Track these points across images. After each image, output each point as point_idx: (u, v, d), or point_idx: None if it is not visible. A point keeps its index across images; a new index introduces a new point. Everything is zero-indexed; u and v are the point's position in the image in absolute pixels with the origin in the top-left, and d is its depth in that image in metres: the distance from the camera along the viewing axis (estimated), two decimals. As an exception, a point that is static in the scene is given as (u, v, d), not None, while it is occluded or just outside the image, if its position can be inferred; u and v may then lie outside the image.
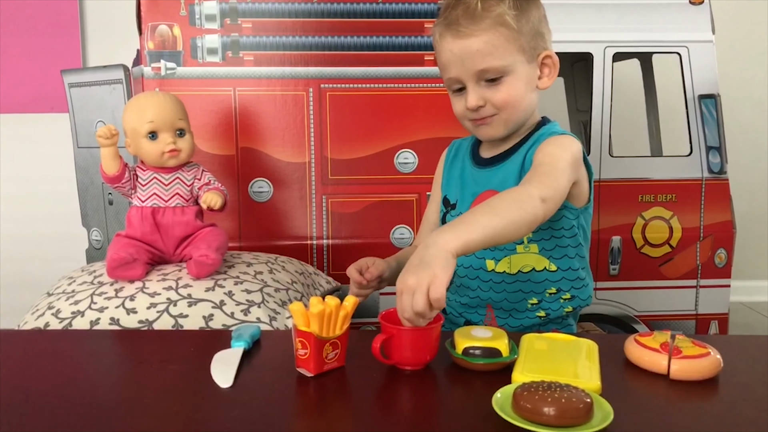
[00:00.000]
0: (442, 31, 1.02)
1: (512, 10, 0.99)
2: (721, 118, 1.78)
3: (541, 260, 1.06)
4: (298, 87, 1.70)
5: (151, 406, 0.74)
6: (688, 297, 1.83)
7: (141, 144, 1.26)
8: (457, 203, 1.12)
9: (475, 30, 0.99)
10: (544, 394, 0.66)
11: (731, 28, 2.67)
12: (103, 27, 2.59)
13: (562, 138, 1.03)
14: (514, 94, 1.01)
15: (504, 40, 0.99)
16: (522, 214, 0.87)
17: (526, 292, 1.07)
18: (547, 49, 1.05)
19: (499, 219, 0.85)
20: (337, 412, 0.75)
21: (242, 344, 0.88)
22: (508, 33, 0.99)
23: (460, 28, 0.99)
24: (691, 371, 0.78)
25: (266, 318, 1.15)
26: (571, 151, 0.99)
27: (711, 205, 1.80)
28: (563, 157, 0.98)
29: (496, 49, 0.99)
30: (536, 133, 1.07)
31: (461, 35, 0.99)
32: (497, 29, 0.98)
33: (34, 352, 0.92)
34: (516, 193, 0.90)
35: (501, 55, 0.99)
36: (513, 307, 1.08)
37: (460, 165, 1.14)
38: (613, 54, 1.79)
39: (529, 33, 1.01)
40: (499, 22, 0.98)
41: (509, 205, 0.88)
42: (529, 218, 0.88)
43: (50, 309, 1.16)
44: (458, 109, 1.06)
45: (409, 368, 0.82)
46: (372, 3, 1.69)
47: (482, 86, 1.01)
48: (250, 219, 1.71)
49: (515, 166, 1.06)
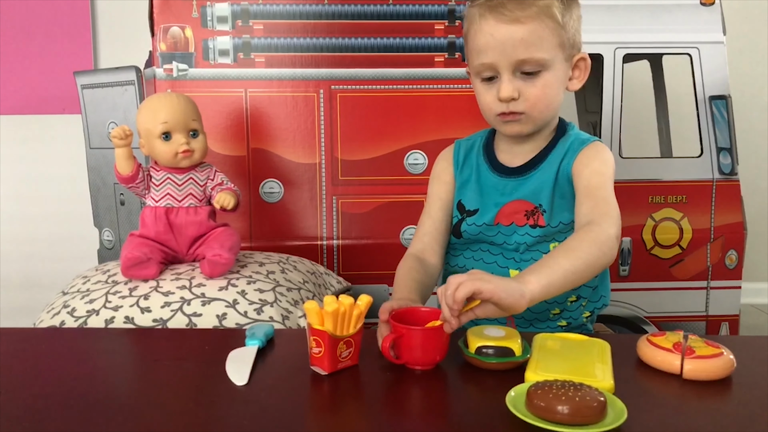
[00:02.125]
0: (484, 12, 0.96)
1: (560, 3, 0.96)
2: (732, 119, 1.78)
3: None
4: (309, 88, 1.70)
5: (166, 404, 0.75)
6: (698, 298, 1.83)
7: (154, 144, 1.27)
8: (479, 211, 1.07)
9: (522, 16, 0.94)
10: (558, 393, 0.66)
11: (742, 29, 2.66)
12: (115, 29, 2.61)
13: (600, 150, 1.01)
14: (548, 91, 0.98)
15: (549, 33, 0.95)
16: (600, 255, 0.88)
17: (550, 303, 1.04)
18: (582, 50, 1.02)
19: (581, 262, 0.86)
20: (350, 410, 0.75)
21: (256, 342, 0.89)
22: (553, 26, 0.95)
23: (505, 11, 0.94)
24: (704, 371, 0.78)
25: (279, 317, 1.16)
26: (611, 166, 0.99)
27: (722, 206, 1.80)
28: (609, 175, 0.98)
29: (541, 41, 0.95)
30: (563, 139, 1.04)
31: (506, 19, 0.94)
32: (544, 20, 0.94)
33: (50, 350, 0.93)
34: (594, 234, 0.90)
35: (544, 48, 0.95)
36: (535, 317, 1.06)
37: (475, 169, 1.09)
38: (623, 55, 1.79)
39: (571, 30, 0.98)
40: (546, 13, 0.94)
41: (589, 247, 0.88)
42: (606, 260, 0.89)
43: (66, 307, 1.17)
44: (486, 100, 1.00)
45: (419, 368, 0.83)
46: (383, 4, 1.70)
47: (518, 78, 0.97)
48: (260, 219, 1.72)
49: (548, 177, 1.02)
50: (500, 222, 1.04)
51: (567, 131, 1.06)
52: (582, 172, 0.99)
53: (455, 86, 1.71)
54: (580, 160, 1.00)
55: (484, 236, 1.06)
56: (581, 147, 1.02)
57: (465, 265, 1.10)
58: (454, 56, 1.71)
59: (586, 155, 1.01)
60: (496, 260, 1.07)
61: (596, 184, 0.97)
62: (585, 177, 0.98)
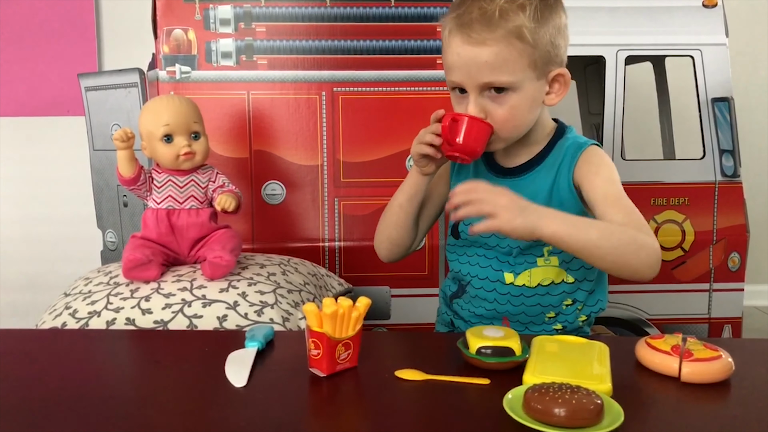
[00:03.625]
0: (453, 28, 0.96)
1: (532, 22, 0.93)
2: (735, 121, 1.77)
3: (561, 273, 1.04)
4: (311, 90, 1.71)
5: (165, 405, 0.75)
6: (701, 301, 1.82)
7: (156, 147, 1.28)
8: None
9: (488, 38, 0.92)
10: (554, 395, 0.66)
11: (746, 30, 2.66)
12: (120, 31, 2.62)
13: (602, 155, 1.02)
14: (516, 113, 0.96)
15: (516, 55, 0.93)
16: (634, 255, 0.91)
17: (545, 306, 1.05)
18: (561, 65, 0.99)
19: (610, 245, 0.90)
20: (349, 411, 0.76)
21: (256, 344, 0.89)
22: (521, 47, 0.93)
23: (472, 33, 0.93)
24: (702, 374, 0.78)
25: (279, 319, 1.16)
26: (616, 170, 1.00)
27: (724, 208, 1.79)
28: (619, 180, 0.99)
29: (506, 63, 0.93)
30: (560, 142, 1.04)
31: (472, 41, 0.93)
32: (511, 41, 0.93)
33: (52, 351, 0.94)
34: (642, 239, 0.92)
35: (510, 70, 0.94)
36: (530, 320, 1.06)
37: (473, 168, 1.10)
38: (625, 57, 1.79)
39: (543, 47, 0.95)
40: (515, 34, 0.92)
41: (629, 240, 0.91)
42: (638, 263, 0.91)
43: (67, 309, 1.18)
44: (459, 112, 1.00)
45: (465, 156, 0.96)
46: (384, 7, 1.70)
47: (485, 97, 0.96)
48: (263, 221, 1.72)
49: (545, 181, 1.03)
50: None
51: (565, 134, 1.06)
52: (593, 182, 0.99)
53: (457, 88, 1.71)
54: (587, 168, 1.00)
55: (481, 238, 1.06)
56: (579, 151, 1.01)
57: (461, 270, 1.11)
58: (456, 58, 1.71)
59: (591, 162, 1.00)
60: (491, 264, 1.07)
61: (615, 193, 0.98)
62: (599, 186, 0.98)
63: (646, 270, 0.92)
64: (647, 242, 0.92)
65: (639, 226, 0.94)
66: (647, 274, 0.93)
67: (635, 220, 0.95)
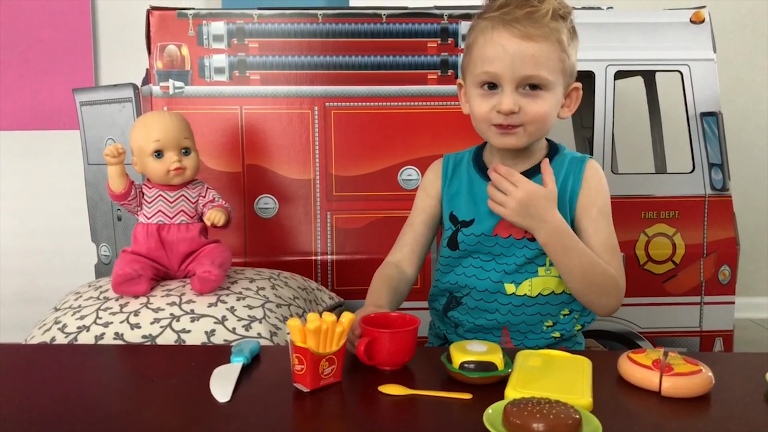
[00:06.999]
0: (496, 25, 0.99)
1: (568, 34, 1.01)
2: (723, 136, 1.79)
3: (561, 283, 1.06)
4: (304, 105, 1.72)
5: (150, 420, 0.76)
6: (692, 314, 1.83)
7: (147, 162, 1.29)
8: (475, 221, 1.08)
9: (535, 34, 0.97)
10: (533, 410, 0.67)
11: (733, 46, 2.69)
12: (116, 46, 2.64)
13: (600, 178, 1.07)
14: (547, 110, 1.01)
15: (556, 57, 0.99)
16: (603, 293, 1.02)
17: (544, 315, 1.07)
18: (577, 83, 1.06)
19: (593, 273, 1.00)
20: (332, 427, 0.76)
21: (241, 359, 0.89)
22: (560, 51, 1.00)
23: (519, 26, 0.97)
24: (682, 388, 0.79)
25: (267, 333, 1.17)
26: (608, 189, 1.08)
27: (714, 221, 1.80)
28: (609, 204, 1.08)
29: (549, 61, 0.99)
30: (557, 157, 1.07)
31: (520, 34, 0.97)
32: (553, 42, 0.99)
33: (39, 366, 0.94)
34: (617, 283, 1.03)
35: (551, 69, 0.99)
36: (529, 329, 1.07)
37: (466, 180, 1.10)
38: (614, 72, 1.80)
39: (572, 60, 1.02)
40: (556, 36, 0.99)
41: (608, 278, 1.02)
42: (605, 301, 1.03)
43: (57, 324, 1.18)
44: (482, 109, 1.02)
45: (388, 368, 0.88)
46: (376, 23, 1.72)
47: (519, 93, 1.00)
48: (255, 235, 1.73)
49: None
50: (499, 234, 1.06)
51: (560, 150, 1.09)
52: (594, 197, 1.06)
53: (448, 103, 1.73)
54: (597, 191, 1.06)
55: (482, 246, 1.07)
56: (582, 165, 1.07)
57: (457, 282, 1.10)
58: (447, 74, 1.73)
59: (600, 186, 1.07)
60: (488, 276, 1.07)
61: (605, 229, 1.06)
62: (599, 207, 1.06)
63: (604, 311, 1.04)
64: (620, 289, 1.03)
65: (618, 267, 1.04)
66: (603, 313, 1.05)
67: (615, 263, 1.04)
